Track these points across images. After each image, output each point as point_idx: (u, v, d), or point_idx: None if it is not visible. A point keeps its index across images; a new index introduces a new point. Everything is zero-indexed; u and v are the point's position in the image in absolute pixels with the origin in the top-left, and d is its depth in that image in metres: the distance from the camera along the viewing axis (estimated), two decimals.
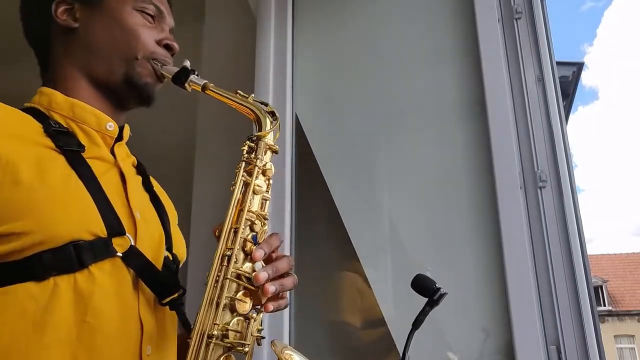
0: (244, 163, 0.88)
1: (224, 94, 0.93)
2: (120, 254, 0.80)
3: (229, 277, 0.79)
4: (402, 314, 1.71)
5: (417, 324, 0.96)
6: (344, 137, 1.92)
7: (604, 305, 26.37)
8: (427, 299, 0.95)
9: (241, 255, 0.82)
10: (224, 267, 0.80)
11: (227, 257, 0.81)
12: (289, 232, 1.74)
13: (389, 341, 1.60)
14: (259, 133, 0.90)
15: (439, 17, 1.88)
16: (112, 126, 0.92)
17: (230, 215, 0.84)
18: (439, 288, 0.95)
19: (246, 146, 0.90)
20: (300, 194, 1.79)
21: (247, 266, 0.81)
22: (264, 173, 0.89)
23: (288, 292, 0.87)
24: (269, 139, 0.91)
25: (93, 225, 0.78)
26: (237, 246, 0.81)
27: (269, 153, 0.91)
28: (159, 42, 0.96)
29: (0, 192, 0.73)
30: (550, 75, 1.62)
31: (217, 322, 0.77)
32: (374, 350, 1.75)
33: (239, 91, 0.94)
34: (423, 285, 0.95)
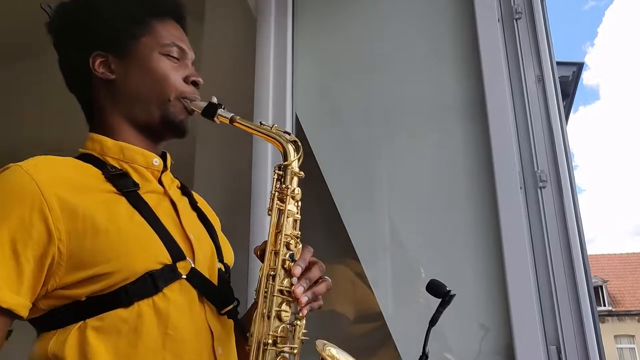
0: (276, 193, 1.01)
1: (250, 126, 1.03)
2: (185, 276, 0.93)
3: (275, 293, 0.94)
4: (401, 312, 1.71)
5: (433, 321, 1.11)
6: (344, 137, 1.92)
7: (604, 305, 26.36)
8: (440, 300, 1.10)
9: (282, 272, 0.96)
10: (270, 284, 0.95)
11: (271, 277, 0.95)
12: None
13: (385, 337, 1.61)
14: (286, 162, 1.01)
15: (439, 17, 1.88)
16: (157, 162, 1.04)
17: (270, 239, 0.98)
18: (449, 290, 1.09)
19: (275, 175, 1.02)
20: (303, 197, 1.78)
21: (287, 281, 0.96)
22: (293, 197, 1.01)
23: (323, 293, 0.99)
24: (295, 166, 1.02)
25: (160, 256, 0.91)
26: (279, 266, 0.96)
27: (295, 179, 1.02)
28: (185, 80, 1.05)
29: (84, 242, 0.86)
30: (550, 75, 1.62)
31: (270, 332, 0.92)
32: (372, 345, 1.76)
33: (262, 122, 1.04)
34: (436, 289, 1.11)
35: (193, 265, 0.95)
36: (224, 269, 1.04)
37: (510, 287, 1.44)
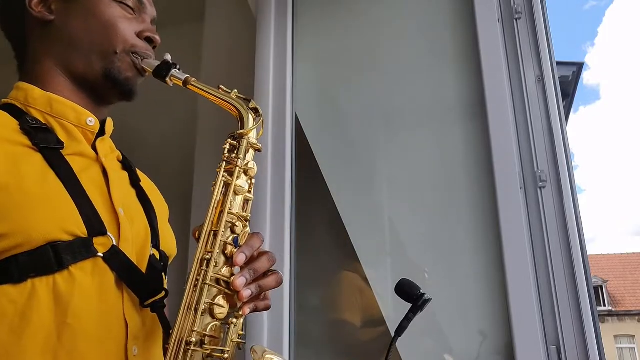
0: (224, 163, 0.85)
1: (205, 89, 0.90)
2: (102, 254, 0.78)
3: (207, 282, 0.77)
4: (403, 315, 1.71)
5: (400, 331, 0.92)
6: (344, 137, 1.92)
7: (604, 305, 26.36)
8: (410, 305, 0.91)
9: (221, 259, 0.80)
10: (203, 271, 0.78)
11: (206, 261, 0.79)
12: (289, 232, 1.73)
13: (389, 341, 1.60)
14: (241, 131, 0.87)
15: (439, 17, 1.88)
16: (92, 121, 0.90)
17: (210, 217, 0.82)
18: (423, 294, 0.91)
19: (227, 144, 0.87)
20: (300, 194, 1.78)
21: (227, 270, 0.80)
22: (246, 173, 0.86)
23: (272, 289, 0.84)
24: (252, 136, 0.88)
25: (72, 225, 0.76)
26: (217, 249, 0.79)
27: (251, 152, 0.88)
28: (139, 35, 0.93)
29: None
30: (550, 75, 1.62)
31: (196, 329, 0.76)
32: (374, 350, 1.75)
33: (221, 86, 0.91)
34: (407, 291, 0.92)
35: (115, 243, 0.80)
36: (158, 257, 0.89)
37: (510, 287, 1.44)
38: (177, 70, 0.90)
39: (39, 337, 0.71)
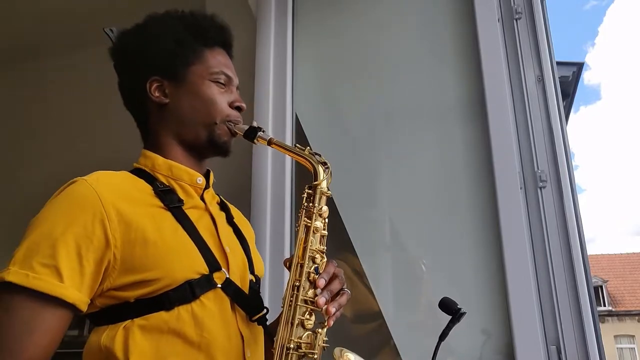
0: (304, 211, 1.07)
1: (285, 147, 1.14)
2: (220, 285, 1.02)
3: (299, 303, 1.00)
4: (400, 311, 1.71)
5: (443, 336, 1.16)
6: (344, 137, 1.92)
7: (604, 305, 26.35)
8: (450, 317, 1.15)
9: (307, 284, 1.03)
10: (295, 294, 1.01)
11: (296, 287, 1.02)
12: (289, 231, 1.74)
13: (386, 335, 1.61)
14: (315, 182, 1.09)
15: (439, 17, 1.88)
16: (201, 180, 1.14)
17: (297, 252, 1.05)
18: (460, 308, 1.15)
19: (305, 194, 1.09)
20: (300, 194, 1.78)
21: (311, 292, 1.03)
22: (320, 215, 1.07)
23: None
24: (324, 186, 1.09)
25: (199, 266, 1.01)
26: (304, 277, 1.02)
27: (324, 198, 1.09)
28: (230, 105, 1.15)
29: (135, 250, 0.96)
30: (550, 75, 1.62)
31: (293, 338, 0.99)
32: (371, 343, 1.76)
33: (297, 144, 1.13)
34: (449, 306, 1.16)
35: (227, 276, 1.04)
36: (254, 280, 1.13)
37: (510, 287, 1.44)
38: (262, 133, 1.12)
39: (186, 346, 0.97)
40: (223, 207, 1.21)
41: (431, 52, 1.88)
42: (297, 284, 1.03)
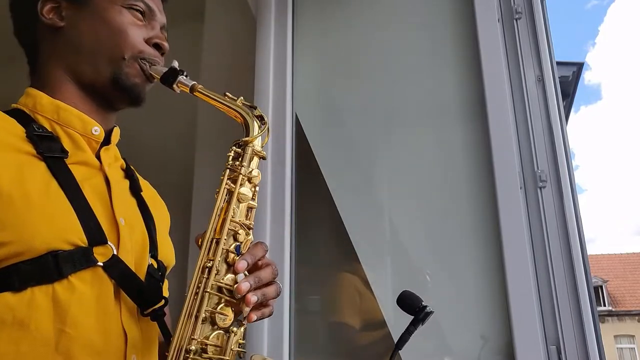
0: (228, 170, 0.85)
1: (212, 96, 0.90)
2: (101, 264, 0.78)
3: (208, 289, 0.77)
4: (403, 316, 1.70)
5: (400, 343, 0.90)
6: (344, 137, 1.92)
7: (604, 305, 26.35)
8: (412, 317, 0.90)
9: (223, 267, 0.80)
10: (204, 279, 0.78)
11: (207, 269, 0.78)
12: (289, 232, 1.73)
13: (390, 343, 1.59)
14: (246, 138, 0.87)
15: (439, 17, 1.87)
16: (97, 130, 0.90)
17: (213, 225, 0.82)
18: (425, 306, 0.90)
19: (232, 152, 0.87)
20: (300, 194, 1.79)
21: (229, 278, 0.79)
22: (249, 180, 0.86)
23: (272, 300, 0.84)
24: (257, 144, 0.88)
25: (72, 235, 0.76)
26: (219, 257, 0.79)
27: (255, 159, 0.88)
28: (148, 41, 0.93)
29: None
30: (550, 75, 1.62)
31: (195, 337, 0.75)
32: (375, 352, 1.75)
33: (227, 94, 0.91)
34: (408, 303, 0.90)
35: (115, 253, 0.80)
36: (155, 266, 0.89)
37: (510, 287, 1.44)
38: (185, 77, 0.90)
39: (36, 345, 0.71)
40: (128, 174, 0.96)
41: (431, 52, 1.88)
42: (209, 264, 0.78)
